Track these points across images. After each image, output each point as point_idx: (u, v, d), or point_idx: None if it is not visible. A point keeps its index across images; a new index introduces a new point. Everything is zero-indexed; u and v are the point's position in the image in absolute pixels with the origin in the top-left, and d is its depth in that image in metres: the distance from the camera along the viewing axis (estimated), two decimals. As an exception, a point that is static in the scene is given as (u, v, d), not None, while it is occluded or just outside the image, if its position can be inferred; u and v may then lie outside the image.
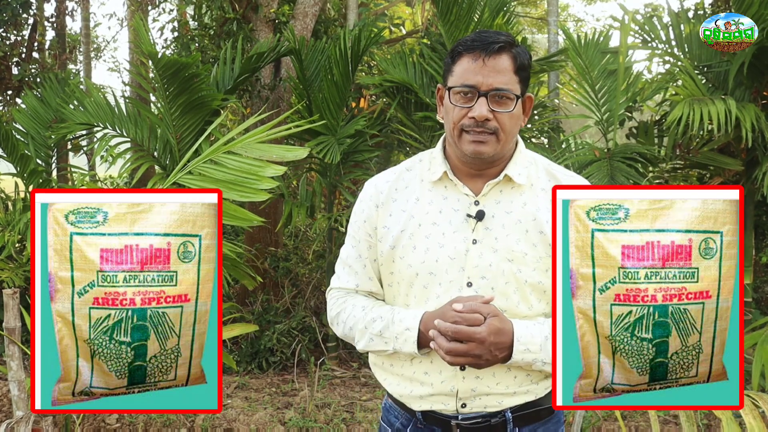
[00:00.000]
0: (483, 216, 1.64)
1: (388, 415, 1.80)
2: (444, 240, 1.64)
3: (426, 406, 1.67)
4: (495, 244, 1.62)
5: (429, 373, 1.65)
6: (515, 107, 1.61)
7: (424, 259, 1.64)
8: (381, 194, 1.75)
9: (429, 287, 1.64)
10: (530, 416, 1.68)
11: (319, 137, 5.10)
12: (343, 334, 1.76)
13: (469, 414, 1.65)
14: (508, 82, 1.60)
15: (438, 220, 1.66)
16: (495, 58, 1.59)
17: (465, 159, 1.65)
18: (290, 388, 4.90)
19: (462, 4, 5.10)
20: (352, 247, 1.78)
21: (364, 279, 1.76)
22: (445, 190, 1.69)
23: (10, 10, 7.02)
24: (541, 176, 1.72)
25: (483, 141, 1.59)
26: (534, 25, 14.16)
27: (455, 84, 1.61)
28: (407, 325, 1.61)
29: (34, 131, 5.69)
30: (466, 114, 1.59)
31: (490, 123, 1.59)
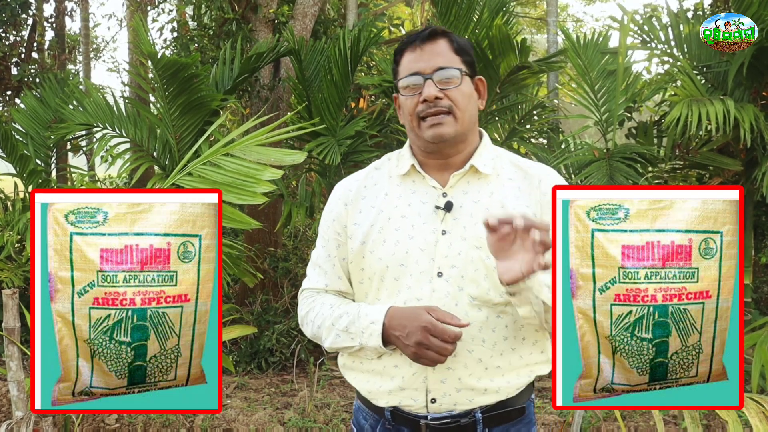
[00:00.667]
0: (451, 207, 1.65)
1: (358, 416, 1.80)
2: (414, 232, 1.65)
3: (394, 402, 1.66)
4: (464, 232, 1.63)
5: (399, 365, 1.64)
6: (462, 82, 1.64)
7: (395, 251, 1.65)
8: (350, 192, 1.77)
9: (400, 279, 1.64)
10: (501, 417, 1.66)
11: (319, 138, 5.10)
12: (312, 334, 1.75)
13: (438, 413, 1.63)
14: (449, 60, 1.64)
15: (407, 213, 1.67)
16: (431, 43, 1.65)
17: (429, 148, 1.67)
18: (289, 388, 4.90)
19: (461, 4, 5.11)
20: (322, 247, 1.79)
21: (334, 278, 1.77)
22: (413, 184, 1.71)
23: (10, 10, 7.02)
24: (507, 167, 1.73)
25: (440, 122, 1.62)
26: (533, 26, 14.17)
27: (401, 77, 1.67)
28: (372, 319, 1.60)
29: (33, 131, 5.69)
30: (417, 101, 1.63)
31: (442, 101, 1.61)
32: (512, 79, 4.90)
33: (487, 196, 1.67)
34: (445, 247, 1.63)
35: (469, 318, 1.60)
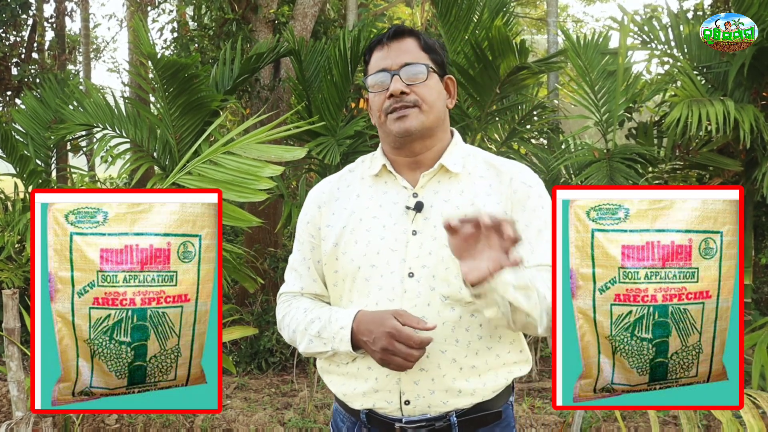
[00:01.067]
0: (422, 207, 1.64)
1: (336, 418, 1.80)
2: (385, 232, 1.65)
3: (368, 404, 1.65)
4: (434, 232, 1.62)
5: (372, 367, 1.63)
6: (429, 78, 1.64)
7: (366, 251, 1.64)
8: (323, 195, 1.77)
9: (371, 280, 1.63)
10: (477, 420, 1.64)
11: (319, 138, 5.10)
12: (289, 338, 1.75)
13: (413, 416, 1.62)
14: (416, 57, 1.65)
15: (378, 214, 1.67)
16: (398, 41, 1.66)
17: (397, 143, 1.66)
18: (290, 388, 4.90)
19: (461, 4, 5.11)
20: (297, 250, 1.79)
21: (309, 281, 1.76)
22: (384, 185, 1.71)
23: (10, 10, 7.02)
24: (479, 165, 1.71)
25: (405, 115, 1.61)
26: (533, 26, 14.17)
27: (369, 74, 1.68)
28: (342, 324, 1.60)
29: (33, 132, 5.69)
30: (385, 98, 1.63)
31: (408, 96, 1.61)
32: (512, 79, 4.90)
33: (458, 194, 1.66)
34: (416, 247, 1.62)
35: (442, 318, 1.59)
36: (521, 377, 2.44)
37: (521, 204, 1.65)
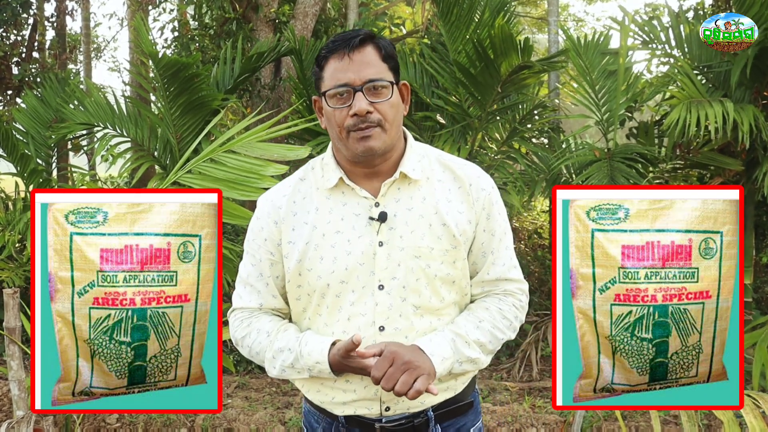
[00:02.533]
0: (386, 217, 1.62)
1: (309, 418, 1.78)
2: (350, 247, 1.62)
3: (349, 411, 1.66)
4: (401, 242, 1.61)
5: (351, 380, 1.63)
6: (392, 95, 1.60)
7: (333, 268, 1.61)
8: (279, 210, 1.70)
9: (341, 295, 1.62)
10: (450, 412, 1.69)
11: (320, 137, 5.10)
12: (250, 356, 1.71)
13: (392, 416, 1.64)
14: (379, 71, 1.58)
15: (341, 228, 1.64)
16: (359, 51, 1.58)
17: (357, 159, 1.62)
18: (290, 387, 4.90)
19: (462, 4, 5.10)
20: (252, 265, 1.72)
21: (268, 297, 1.72)
22: (343, 196, 1.66)
23: (10, 9, 7.02)
24: (435, 168, 1.70)
25: (370, 135, 1.57)
26: (534, 25, 14.16)
27: (328, 87, 1.59)
28: (316, 359, 1.58)
29: (34, 131, 5.70)
30: (347, 114, 1.57)
31: (372, 116, 1.56)
32: (513, 78, 4.89)
33: (420, 201, 1.64)
34: (383, 258, 1.61)
35: (415, 327, 1.61)
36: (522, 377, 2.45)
37: (485, 212, 1.66)
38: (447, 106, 5.12)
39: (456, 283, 1.65)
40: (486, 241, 1.67)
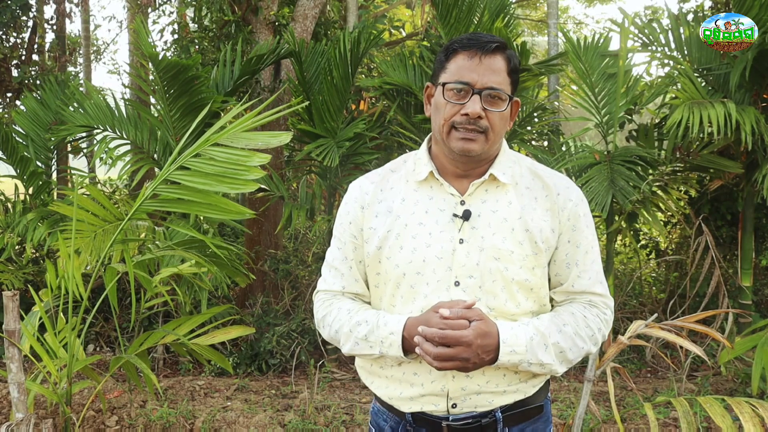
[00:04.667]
0: (469, 215, 1.64)
1: (377, 418, 1.80)
2: (431, 240, 1.64)
3: (416, 408, 1.67)
4: (481, 243, 1.62)
5: (418, 373, 1.64)
6: (506, 108, 1.62)
7: (411, 258, 1.64)
8: (366, 195, 1.75)
9: (416, 287, 1.64)
10: (520, 415, 1.68)
11: (319, 140, 5.10)
12: (330, 336, 1.75)
13: (459, 414, 1.65)
14: (502, 82, 1.61)
15: (424, 220, 1.66)
16: (491, 57, 1.61)
17: (452, 156, 1.65)
18: (290, 390, 4.89)
19: (462, 6, 5.10)
20: (338, 249, 1.78)
21: (350, 281, 1.76)
22: (430, 190, 1.70)
23: (10, 12, 7.02)
24: (525, 175, 1.72)
25: (472, 139, 1.60)
26: (534, 28, 14.18)
27: (450, 80, 1.61)
28: (391, 329, 1.60)
29: (33, 133, 5.70)
30: (458, 111, 1.60)
31: (481, 121, 1.59)
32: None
33: (506, 205, 1.66)
34: (462, 256, 1.62)
35: None
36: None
37: (570, 223, 1.67)
38: (447, 108, 5.11)
39: (534, 290, 1.65)
40: (570, 252, 1.68)
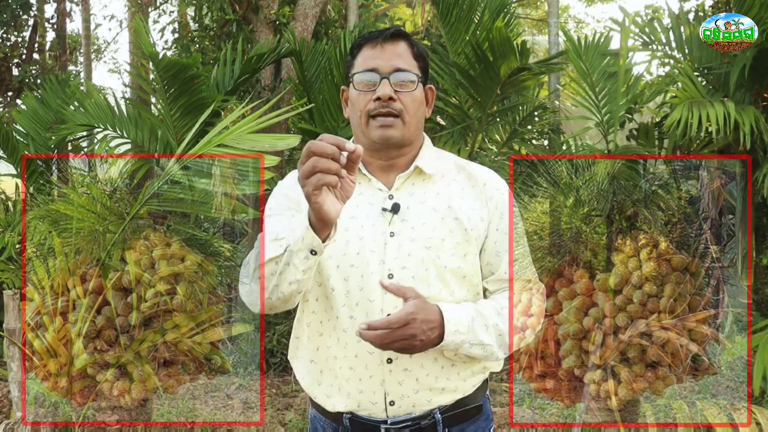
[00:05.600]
0: (398, 209, 1.66)
1: (315, 424, 1.78)
2: (363, 233, 1.65)
3: (353, 406, 1.65)
4: (412, 233, 1.64)
5: (354, 368, 1.63)
6: (416, 88, 1.65)
7: (345, 251, 1.64)
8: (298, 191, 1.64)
9: (350, 279, 1.63)
10: (459, 416, 1.68)
11: (320, 139, 5.10)
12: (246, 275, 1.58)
13: (398, 417, 1.64)
14: (408, 64, 1.65)
15: (356, 214, 1.67)
16: (392, 43, 1.65)
17: (374, 147, 1.67)
18: (290, 389, 4.89)
19: (462, 5, 5.10)
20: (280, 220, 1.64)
21: None
22: (359, 186, 1.69)
23: (10, 11, 7.02)
24: (451, 168, 1.75)
25: (389, 124, 1.62)
26: (534, 27, 14.18)
27: (357, 70, 1.66)
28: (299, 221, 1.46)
29: (34, 132, 5.70)
30: (370, 98, 1.62)
31: (394, 104, 1.61)
32: (513, 80, 4.89)
33: (434, 196, 1.68)
34: (394, 248, 1.63)
35: None
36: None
37: (498, 211, 1.70)
38: (447, 107, 5.12)
39: (467, 278, 1.66)
40: (500, 240, 1.69)
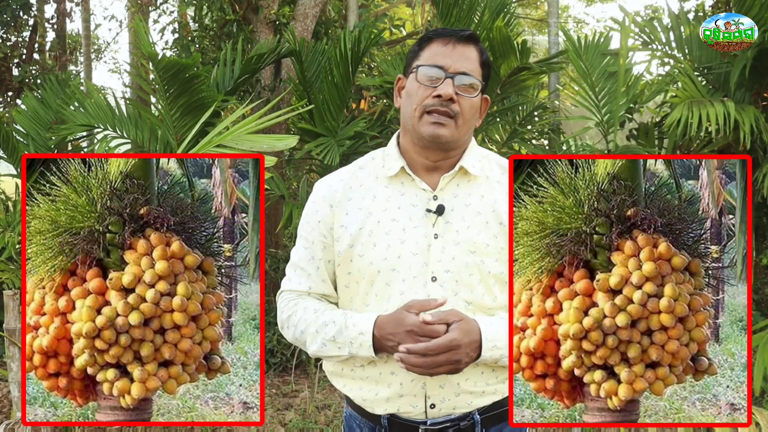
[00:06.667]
0: (443, 210, 1.63)
1: (351, 423, 1.76)
2: (405, 236, 1.63)
3: (392, 409, 1.64)
4: (456, 236, 1.62)
5: (396, 372, 1.61)
6: (477, 95, 1.64)
7: (386, 255, 1.62)
8: (336, 193, 1.72)
9: (391, 284, 1.62)
10: (497, 417, 1.66)
11: (319, 138, 5.10)
12: (294, 338, 1.71)
13: (437, 418, 1.62)
14: (475, 70, 1.64)
15: (397, 216, 1.65)
16: (464, 45, 1.64)
17: (421, 144, 1.65)
18: (290, 389, 4.90)
19: (462, 5, 5.10)
20: (304, 248, 1.74)
21: (317, 281, 1.72)
22: (402, 186, 1.68)
23: (11, 11, 7.03)
24: (495, 169, 1.72)
25: (443, 123, 1.60)
26: (534, 27, 14.18)
27: (423, 63, 1.63)
28: (361, 330, 1.57)
29: (34, 132, 5.69)
30: (431, 94, 1.60)
31: (453, 105, 1.60)
32: (513, 80, 4.90)
33: (478, 198, 1.66)
34: (438, 251, 1.61)
35: None
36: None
37: None
38: (447, 107, 5.12)
39: (507, 284, 1.63)
40: None
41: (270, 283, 6.14)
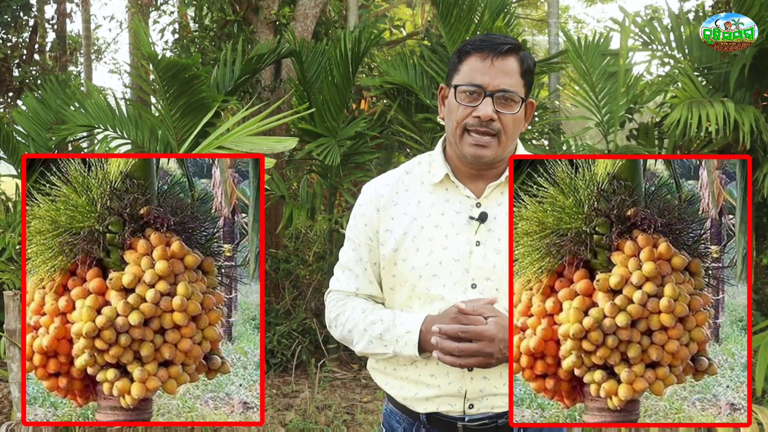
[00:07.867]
0: (486, 218, 1.64)
1: (390, 419, 1.79)
2: (447, 242, 1.64)
3: (432, 408, 1.66)
4: (498, 245, 1.62)
5: (435, 375, 1.64)
6: (519, 110, 1.62)
7: (428, 261, 1.64)
8: (381, 198, 1.74)
9: (432, 289, 1.63)
10: None
11: (320, 139, 5.11)
12: (342, 336, 1.75)
13: (476, 415, 1.64)
14: (515, 84, 1.60)
15: (440, 223, 1.66)
16: (503, 59, 1.60)
17: (465, 160, 1.65)
18: (291, 389, 4.90)
19: (462, 5, 5.11)
20: (353, 250, 1.77)
21: (365, 282, 1.76)
22: (446, 193, 1.70)
23: (11, 12, 7.03)
24: None
25: (484, 144, 1.59)
26: (534, 27, 14.18)
27: (461, 82, 1.61)
28: (408, 328, 1.60)
29: (34, 133, 5.70)
30: (470, 113, 1.59)
31: (493, 124, 1.59)
32: (513, 80, 4.89)
33: None
34: (479, 258, 1.62)
35: None
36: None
37: None
38: (447, 107, 5.12)
39: None
40: None
41: (270, 283, 6.14)
